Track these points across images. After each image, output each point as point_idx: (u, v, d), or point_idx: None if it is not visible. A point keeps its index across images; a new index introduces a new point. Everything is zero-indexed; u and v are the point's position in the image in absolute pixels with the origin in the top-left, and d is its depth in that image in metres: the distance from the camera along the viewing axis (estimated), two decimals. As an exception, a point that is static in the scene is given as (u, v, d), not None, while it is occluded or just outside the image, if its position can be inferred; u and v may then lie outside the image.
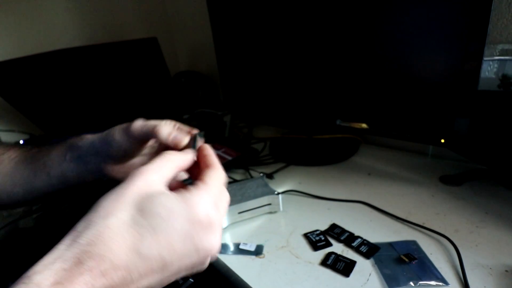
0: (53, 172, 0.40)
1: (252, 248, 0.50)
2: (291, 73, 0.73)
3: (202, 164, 0.30)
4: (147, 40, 0.83)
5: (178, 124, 0.34)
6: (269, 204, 0.57)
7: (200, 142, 0.32)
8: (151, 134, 0.33)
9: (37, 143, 0.76)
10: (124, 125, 0.35)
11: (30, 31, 0.93)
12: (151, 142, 0.37)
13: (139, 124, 0.34)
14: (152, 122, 0.34)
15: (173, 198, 0.25)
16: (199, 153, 0.31)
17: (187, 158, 0.30)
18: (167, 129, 0.33)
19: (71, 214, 0.63)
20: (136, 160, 0.38)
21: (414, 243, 0.47)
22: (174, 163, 0.28)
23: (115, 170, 0.37)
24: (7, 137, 0.90)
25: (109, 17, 1.08)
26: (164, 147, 0.38)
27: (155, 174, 0.26)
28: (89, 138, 0.38)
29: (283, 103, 0.79)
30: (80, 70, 0.83)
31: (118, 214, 0.22)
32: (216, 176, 0.29)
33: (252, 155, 0.81)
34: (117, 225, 0.22)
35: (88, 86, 0.86)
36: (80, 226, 0.22)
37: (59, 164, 0.40)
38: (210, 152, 0.31)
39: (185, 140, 0.32)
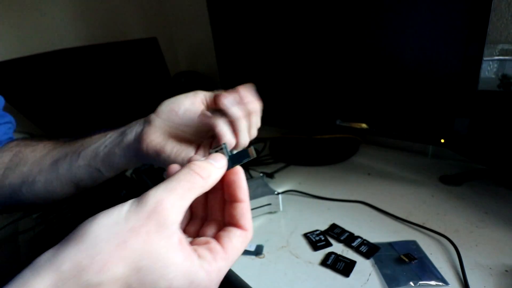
0: (84, 152, 0.39)
1: (252, 248, 0.50)
2: (291, 73, 0.73)
3: (230, 212, 0.26)
4: (147, 40, 0.83)
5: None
6: (269, 204, 0.57)
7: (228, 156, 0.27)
8: (216, 100, 0.32)
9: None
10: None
11: (30, 31, 0.93)
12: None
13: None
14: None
15: (180, 267, 0.21)
16: (228, 179, 0.27)
17: (216, 176, 0.25)
18: (232, 99, 0.32)
19: (70, 214, 0.63)
20: (173, 149, 0.35)
21: (414, 243, 0.47)
22: (200, 188, 0.23)
23: (153, 134, 0.34)
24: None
25: (109, 17, 1.08)
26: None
27: (173, 207, 0.21)
28: None
29: (283, 103, 0.79)
30: (80, 70, 0.83)
31: (113, 268, 0.19)
32: (243, 245, 0.25)
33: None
34: (108, 282, 0.19)
35: (88, 86, 0.86)
36: (66, 266, 0.19)
37: (101, 141, 0.38)
38: (245, 196, 0.26)
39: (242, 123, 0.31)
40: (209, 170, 0.24)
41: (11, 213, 0.64)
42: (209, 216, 0.28)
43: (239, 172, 0.27)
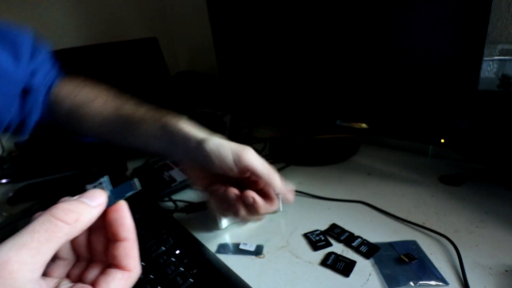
0: (137, 132, 0.47)
1: (252, 248, 0.50)
2: (291, 73, 0.73)
3: (113, 252, 0.24)
4: (147, 40, 0.83)
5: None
6: (269, 204, 0.57)
7: (109, 190, 0.25)
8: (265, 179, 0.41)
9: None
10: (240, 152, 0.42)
11: (30, 31, 0.93)
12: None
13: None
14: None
15: None
16: (109, 217, 0.24)
17: (90, 217, 0.22)
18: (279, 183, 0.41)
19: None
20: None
21: (414, 243, 0.47)
22: (65, 235, 0.20)
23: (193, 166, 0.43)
24: (6, 136, 0.90)
25: (109, 17, 1.08)
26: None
27: (24, 264, 0.18)
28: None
29: (283, 103, 0.79)
30: (80, 70, 0.83)
31: None
32: (125, 287, 0.23)
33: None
34: None
35: (88, 86, 0.86)
36: None
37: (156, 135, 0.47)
38: (129, 234, 0.24)
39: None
40: (77, 213, 0.21)
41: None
42: (93, 257, 0.26)
43: (121, 208, 0.24)
